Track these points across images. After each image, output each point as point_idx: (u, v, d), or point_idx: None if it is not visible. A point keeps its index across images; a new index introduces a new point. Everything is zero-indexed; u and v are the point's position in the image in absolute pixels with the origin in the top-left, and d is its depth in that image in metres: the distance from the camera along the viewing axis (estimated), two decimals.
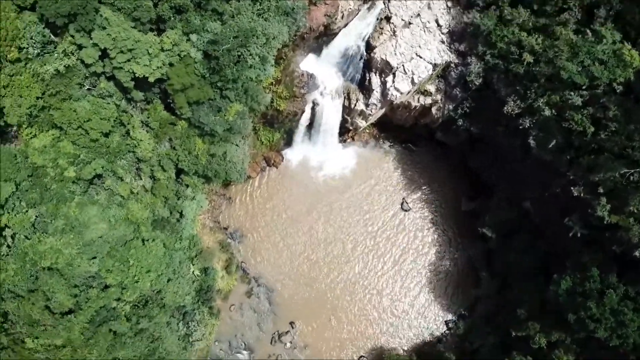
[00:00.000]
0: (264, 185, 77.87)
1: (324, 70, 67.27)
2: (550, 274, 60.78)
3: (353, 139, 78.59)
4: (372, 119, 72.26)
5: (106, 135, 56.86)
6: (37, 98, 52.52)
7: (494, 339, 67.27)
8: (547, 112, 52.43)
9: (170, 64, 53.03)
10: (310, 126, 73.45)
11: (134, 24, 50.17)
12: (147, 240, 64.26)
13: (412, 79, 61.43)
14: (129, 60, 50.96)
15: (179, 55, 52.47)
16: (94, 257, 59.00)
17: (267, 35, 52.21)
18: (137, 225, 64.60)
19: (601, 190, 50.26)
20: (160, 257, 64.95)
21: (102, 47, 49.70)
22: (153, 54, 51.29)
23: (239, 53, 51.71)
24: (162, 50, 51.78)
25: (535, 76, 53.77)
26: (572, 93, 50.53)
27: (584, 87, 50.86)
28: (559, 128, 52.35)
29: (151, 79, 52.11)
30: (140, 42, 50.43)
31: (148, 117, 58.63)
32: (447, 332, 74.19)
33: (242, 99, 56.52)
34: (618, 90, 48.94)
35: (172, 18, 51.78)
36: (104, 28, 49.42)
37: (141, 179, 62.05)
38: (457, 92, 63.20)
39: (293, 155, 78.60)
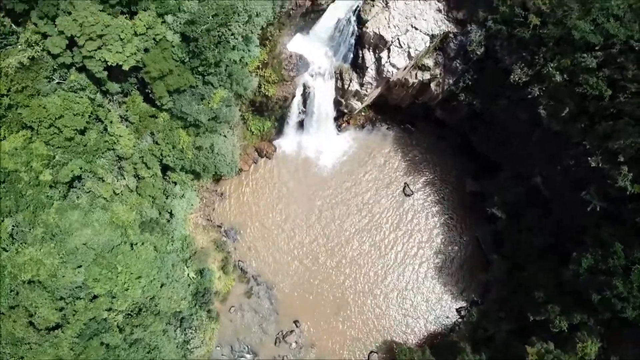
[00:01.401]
0: (257, 178, 73.66)
1: (313, 50, 62.90)
2: (564, 252, 57.28)
3: (348, 123, 74.44)
4: (367, 100, 68.01)
5: (82, 132, 52.51)
6: (2, 95, 48.00)
7: (509, 324, 63.71)
8: (558, 78, 48.38)
9: (146, 50, 48.60)
10: (302, 112, 69.18)
11: (102, 6, 45.69)
12: (136, 244, 60.38)
13: (409, 52, 57.16)
14: (99, 48, 46.48)
15: (154, 39, 48.03)
16: (79, 266, 55.22)
17: (249, 12, 47.80)
18: (124, 228, 60.71)
19: (621, 159, 46.47)
20: (151, 261, 61.10)
21: (69, 35, 45.18)
22: (126, 40, 46.80)
23: (220, 33, 47.31)
24: (136, 34, 47.29)
25: (542, 40, 49.70)
26: (584, 55, 46.48)
27: (597, 48, 46.87)
28: (571, 94, 48.38)
29: (125, 67, 47.65)
30: (111, 26, 45.92)
31: (127, 111, 54.25)
32: (459, 320, 70.60)
33: (226, 84, 52.29)
34: (637, 48, 44.92)
35: None
36: (69, 13, 44.94)
37: (124, 178, 57.75)
38: (457, 65, 59.01)
39: (286, 144, 74.41)
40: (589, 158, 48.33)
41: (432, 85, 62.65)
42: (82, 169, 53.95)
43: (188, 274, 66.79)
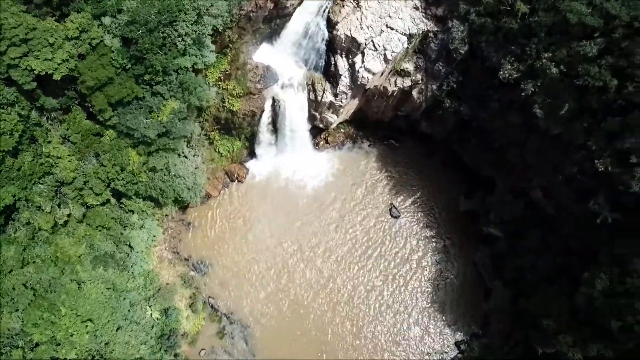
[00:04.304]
0: (228, 204, 66.63)
1: (282, 59, 57.10)
2: (575, 274, 50.02)
3: (327, 141, 68.02)
4: (344, 113, 61.83)
5: (13, 154, 45.83)
6: None
7: (516, 358, 55.95)
8: (554, 70, 42.21)
9: (81, 56, 42.55)
10: (275, 129, 62.90)
11: (25, 7, 39.75)
12: (85, 282, 53.03)
13: (385, 55, 51.29)
14: (25, 55, 40.36)
15: (90, 44, 42.00)
16: (16, 310, 47.89)
17: (198, 10, 41.94)
18: (73, 264, 53.57)
19: (634, 160, 39.86)
20: (103, 301, 53.74)
21: None
22: (56, 45, 40.78)
23: (164, 34, 41.34)
24: (68, 39, 41.28)
25: (532, 30, 43.87)
26: (583, 42, 40.50)
27: (596, 35, 40.98)
28: (569, 89, 42.17)
29: (57, 77, 41.47)
30: (37, 29, 39.94)
31: (67, 129, 47.74)
32: (459, 355, 62.47)
33: (177, 94, 46.01)
34: None
35: None
36: None
37: (68, 206, 50.78)
38: (440, 67, 53.06)
39: (260, 166, 67.70)
40: (596, 161, 41.69)
41: (414, 92, 56.55)
42: (16, 197, 47.10)
43: (151, 314, 59.13)
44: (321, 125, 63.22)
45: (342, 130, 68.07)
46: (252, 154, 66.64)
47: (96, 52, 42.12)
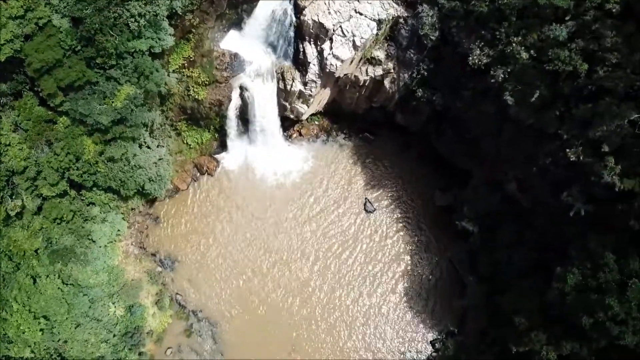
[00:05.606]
0: (197, 198, 64.50)
1: (250, 47, 55.04)
2: (550, 270, 48.32)
3: (300, 134, 66.05)
4: (315, 103, 59.84)
5: None
6: None
7: (491, 357, 54.14)
8: (524, 55, 40.47)
9: (28, 37, 40.36)
10: (244, 120, 60.86)
11: None
12: (40, 276, 50.88)
13: (354, 41, 49.36)
14: None
15: (36, 24, 39.80)
16: None
17: None
18: (29, 258, 51.48)
19: (606, 149, 38.10)
20: (60, 297, 51.67)
21: None
22: None
23: (115, 14, 39.19)
24: (12, 17, 39.05)
25: (502, 13, 42.11)
26: (554, 26, 38.76)
27: (567, 19, 39.25)
28: (540, 75, 40.41)
29: (0, 58, 39.24)
30: None
31: (18, 116, 45.50)
32: (434, 354, 60.69)
33: (132, 79, 43.86)
34: (614, 11, 37.44)
35: None
36: None
37: (21, 197, 48.50)
38: (412, 55, 51.21)
39: (231, 159, 65.57)
40: (567, 150, 39.93)
41: (386, 82, 54.64)
42: None
43: (114, 312, 57.00)
44: (292, 116, 61.23)
45: (316, 122, 66.14)
46: (222, 146, 64.51)
47: (43, 33, 39.97)
